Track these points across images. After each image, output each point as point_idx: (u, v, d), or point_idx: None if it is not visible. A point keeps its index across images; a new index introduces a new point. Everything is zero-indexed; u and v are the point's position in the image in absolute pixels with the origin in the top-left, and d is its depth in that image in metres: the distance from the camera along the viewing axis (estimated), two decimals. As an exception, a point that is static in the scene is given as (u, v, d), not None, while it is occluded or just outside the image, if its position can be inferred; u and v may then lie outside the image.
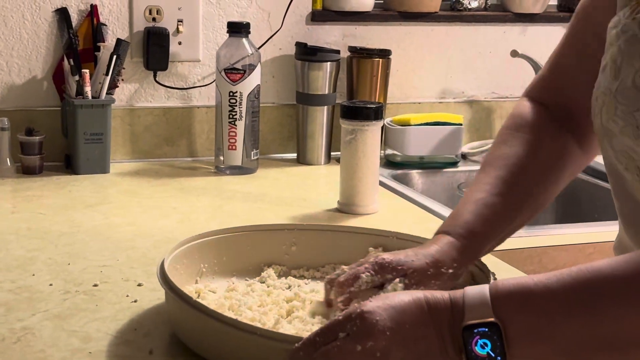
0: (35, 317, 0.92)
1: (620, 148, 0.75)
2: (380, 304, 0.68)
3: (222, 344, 0.77)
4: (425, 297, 0.68)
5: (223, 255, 0.98)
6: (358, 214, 1.36)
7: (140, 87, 1.69)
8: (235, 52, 1.58)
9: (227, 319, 0.77)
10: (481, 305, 0.66)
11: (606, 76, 0.76)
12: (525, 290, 0.67)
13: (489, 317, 0.65)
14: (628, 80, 0.73)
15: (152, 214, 1.35)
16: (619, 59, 0.75)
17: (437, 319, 0.67)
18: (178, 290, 0.81)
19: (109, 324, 0.90)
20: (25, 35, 1.61)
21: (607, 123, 0.75)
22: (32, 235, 1.21)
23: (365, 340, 0.66)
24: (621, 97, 0.73)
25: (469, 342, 0.65)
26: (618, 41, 0.76)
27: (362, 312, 0.67)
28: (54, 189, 1.47)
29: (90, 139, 1.55)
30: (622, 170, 0.76)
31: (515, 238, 1.27)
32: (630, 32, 0.74)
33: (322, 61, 1.70)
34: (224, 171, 1.62)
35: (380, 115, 1.36)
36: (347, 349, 0.66)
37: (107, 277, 1.04)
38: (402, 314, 0.67)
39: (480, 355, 0.65)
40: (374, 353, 0.66)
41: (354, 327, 0.67)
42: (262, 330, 0.75)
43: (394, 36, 1.83)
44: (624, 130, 0.73)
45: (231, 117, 1.59)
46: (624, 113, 0.73)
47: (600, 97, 0.77)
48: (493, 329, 0.65)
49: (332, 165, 1.71)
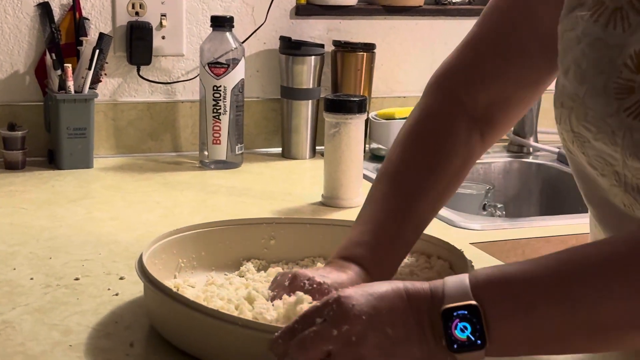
0: (15, 310, 0.91)
1: (594, 153, 0.74)
2: (358, 289, 0.68)
3: (203, 335, 0.77)
4: (404, 286, 0.68)
5: (202, 250, 0.97)
6: (342, 207, 1.36)
7: (124, 81, 1.69)
8: (219, 47, 1.58)
9: (207, 309, 0.76)
10: (460, 291, 0.66)
11: (570, 81, 0.74)
12: (504, 274, 0.67)
13: (468, 300, 0.65)
14: (597, 85, 0.71)
15: (136, 208, 1.34)
16: (583, 63, 0.73)
17: (415, 307, 0.67)
18: (156, 282, 0.81)
19: (89, 317, 0.90)
20: (7, 29, 1.60)
21: (577, 129, 0.74)
22: (14, 230, 1.20)
23: (341, 325, 0.66)
24: (591, 102, 0.72)
25: (448, 326, 0.65)
26: (579, 44, 0.73)
27: (339, 297, 0.67)
28: (36, 184, 1.46)
29: (73, 134, 1.54)
30: (597, 176, 0.75)
31: (498, 230, 1.29)
32: (594, 35, 0.72)
33: (306, 55, 1.69)
34: (209, 166, 1.61)
35: (364, 109, 1.36)
36: (323, 334, 0.66)
37: (88, 271, 1.04)
38: (379, 300, 0.67)
39: (459, 339, 0.65)
40: (349, 337, 0.65)
41: (330, 312, 0.67)
42: (242, 320, 0.74)
43: (378, 30, 1.83)
44: (598, 137, 0.72)
45: (215, 111, 1.59)
46: (595, 119, 0.72)
47: (566, 102, 0.75)
48: (472, 312, 0.65)
49: (316, 160, 1.70)
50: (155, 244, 0.92)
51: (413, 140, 0.88)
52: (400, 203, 0.86)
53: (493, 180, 1.75)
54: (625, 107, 0.69)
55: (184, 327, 0.79)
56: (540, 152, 1.81)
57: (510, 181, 1.78)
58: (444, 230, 1.26)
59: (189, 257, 0.97)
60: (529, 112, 1.79)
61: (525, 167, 1.79)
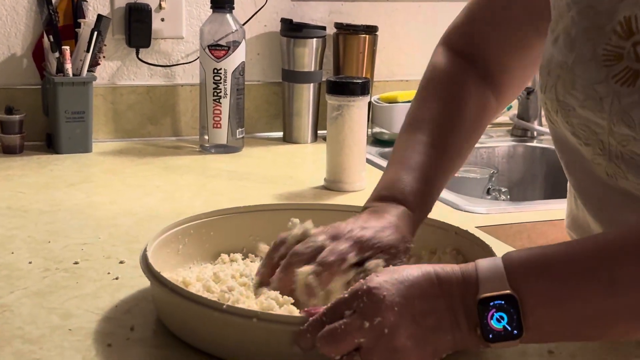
0: (13, 294, 0.89)
1: (580, 122, 0.73)
2: (387, 278, 0.65)
3: (222, 333, 0.73)
4: (435, 271, 0.66)
5: (205, 242, 0.93)
6: (345, 190, 1.34)
7: (123, 64, 1.66)
8: (219, 29, 1.55)
9: (227, 307, 0.72)
10: (496, 277, 0.64)
11: (559, 49, 0.74)
12: (540, 259, 0.65)
13: (505, 290, 0.63)
14: (586, 52, 0.70)
15: (135, 192, 1.32)
16: (572, 30, 0.72)
17: (448, 293, 0.65)
18: (162, 279, 0.78)
19: (89, 301, 0.88)
20: (4, 11, 1.58)
21: (563, 97, 0.73)
22: (12, 214, 1.18)
23: (372, 317, 0.64)
24: (580, 70, 0.71)
25: (484, 316, 0.63)
26: (569, 12, 0.73)
27: (369, 288, 0.65)
28: (35, 168, 1.44)
29: (71, 118, 1.52)
30: (580, 145, 0.74)
31: (504, 213, 1.27)
32: (583, 3, 0.72)
33: (308, 38, 1.67)
34: (209, 150, 1.59)
35: (367, 91, 1.34)
36: (353, 326, 0.64)
37: (88, 255, 1.02)
38: (410, 289, 0.65)
39: (496, 329, 0.63)
40: (382, 329, 0.64)
41: (360, 304, 0.65)
42: (262, 314, 0.71)
43: (380, 12, 1.81)
44: (585, 104, 0.71)
45: (216, 94, 1.57)
46: (583, 87, 0.71)
47: (554, 71, 0.74)
48: (509, 302, 0.63)
49: (318, 144, 1.68)
50: (162, 235, 0.88)
51: (427, 91, 0.90)
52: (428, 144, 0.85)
53: (497, 164, 1.73)
54: (613, 74, 0.69)
55: (198, 326, 0.75)
56: (544, 136, 1.79)
57: (514, 165, 1.76)
58: (449, 213, 1.24)
59: (197, 247, 0.93)
60: (532, 97, 1.77)
61: (529, 151, 1.77)
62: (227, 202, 1.24)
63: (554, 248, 0.66)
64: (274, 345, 0.70)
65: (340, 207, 1.01)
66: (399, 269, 0.67)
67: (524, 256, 0.66)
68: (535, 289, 0.64)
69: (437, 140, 0.85)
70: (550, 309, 0.63)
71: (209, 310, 0.73)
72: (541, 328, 0.64)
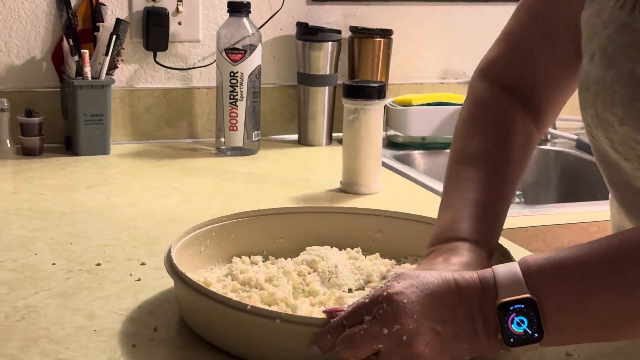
0: (38, 295, 0.91)
1: (619, 138, 0.73)
2: (407, 285, 0.66)
3: (247, 334, 0.75)
4: (454, 279, 0.67)
5: (226, 244, 0.94)
6: (361, 193, 1.35)
7: (140, 67, 1.68)
8: (236, 32, 1.57)
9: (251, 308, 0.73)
10: (514, 282, 0.65)
11: (596, 66, 0.74)
12: (557, 262, 0.66)
13: (524, 294, 0.64)
14: (625, 69, 0.71)
15: (154, 194, 1.34)
16: (609, 48, 0.73)
17: (466, 300, 0.66)
18: (187, 279, 0.79)
19: (112, 302, 0.89)
20: (24, 15, 1.60)
21: (603, 113, 0.74)
22: (34, 215, 1.20)
23: (392, 324, 0.65)
24: (618, 86, 0.71)
25: (504, 321, 0.64)
26: (606, 30, 0.74)
27: (389, 294, 0.66)
28: (54, 170, 1.46)
29: (90, 120, 1.54)
30: (620, 160, 0.75)
31: (519, 217, 1.28)
32: (620, 21, 0.72)
33: (323, 41, 1.68)
34: (225, 152, 1.61)
35: (383, 94, 1.35)
36: (373, 332, 0.65)
37: (110, 257, 1.03)
38: (430, 297, 0.66)
39: (517, 333, 0.64)
40: (400, 337, 0.65)
41: (380, 310, 0.66)
42: (285, 315, 0.72)
43: (395, 16, 1.82)
44: (625, 120, 0.71)
45: (232, 97, 1.58)
46: (622, 103, 0.71)
47: (592, 87, 0.75)
48: (529, 305, 0.64)
49: (333, 147, 1.70)
50: (184, 238, 0.90)
51: (473, 126, 0.87)
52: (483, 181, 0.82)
53: (511, 167, 1.73)
54: None
55: (222, 327, 0.77)
56: (559, 139, 1.80)
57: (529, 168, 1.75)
58: (464, 216, 1.25)
59: (216, 248, 0.94)
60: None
61: (544, 154, 1.78)
62: (244, 204, 1.25)
63: (570, 251, 0.67)
64: (297, 346, 0.71)
65: (358, 210, 1.03)
66: (419, 275, 0.68)
67: (541, 260, 0.66)
68: (554, 293, 0.65)
69: (491, 177, 0.82)
70: (569, 312, 0.64)
71: (232, 310, 0.74)
72: (561, 331, 0.65)
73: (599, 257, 0.65)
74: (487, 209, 0.80)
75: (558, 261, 0.66)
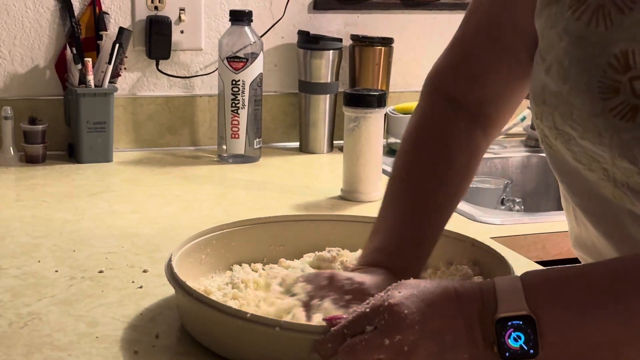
0: (41, 302, 0.92)
1: (580, 150, 0.73)
2: (408, 295, 0.67)
3: (247, 341, 0.76)
4: (454, 288, 0.67)
5: (227, 252, 0.96)
6: (362, 201, 1.36)
7: (143, 75, 1.69)
8: (238, 41, 1.58)
9: (249, 315, 0.74)
10: (514, 297, 0.65)
11: (553, 78, 0.73)
12: (559, 281, 0.66)
13: (523, 310, 0.64)
14: (581, 84, 0.70)
15: (156, 202, 1.35)
16: (565, 61, 0.72)
17: (466, 310, 0.66)
18: (187, 287, 0.80)
19: (115, 309, 0.90)
20: (28, 24, 1.61)
21: (562, 127, 0.73)
22: (37, 222, 1.21)
23: (393, 334, 0.65)
24: (576, 101, 0.71)
25: (502, 335, 0.65)
26: (561, 42, 0.72)
27: (390, 304, 0.66)
28: (57, 178, 1.47)
29: (93, 128, 1.55)
30: (584, 170, 0.75)
31: (519, 224, 1.29)
32: (576, 33, 0.71)
33: (324, 49, 1.70)
34: (227, 160, 1.62)
35: (383, 103, 1.36)
36: (374, 343, 0.66)
37: (112, 264, 1.04)
38: (430, 307, 0.66)
39: (512, 348, 0.64)
40: (401, 347, 0.65)
41: (381, 321, 0.66)
42: (285, 323, 0.73)
43: (396, 24, 1.83)
44: (585, 136, 0.71)
45: (234, 105, 1.59)
46: (581, 119, 0.71)
47: (550, 100, 0.74)
48: (527, 322, 0.64)
49: (334, 154, 1.71)
50: (185, 246, 0.91)
51: (414, 144, 0.88)
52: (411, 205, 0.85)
53: (511, 174, 1.74)
54: (610, 108, 0.69)
55: (218, 333, 0.78)
56: (558, 146, 1.80)
57: (528, 175, 1.78)
58: (464, 224, 1.26)
59: (217, 256, 0.95)
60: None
61: (543, 162, 1.79)
62: (246, 211, 1.26)
63: (573, 271, 0.68)
64: (296, 353, 0.72)
65: (356, 218, 1.03)
66: (419, 285, 0.68)
67: (543, 278, 0.67)
68: (553, 312, 0.65)
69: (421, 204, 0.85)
70: (567, 332, 0.65)
71: (232, 318, 0.75)
72: (556, 350, 0.65)
73: (601, 281, 0.65)
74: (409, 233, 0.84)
75: (560, 281, 0.66)
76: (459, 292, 0.67)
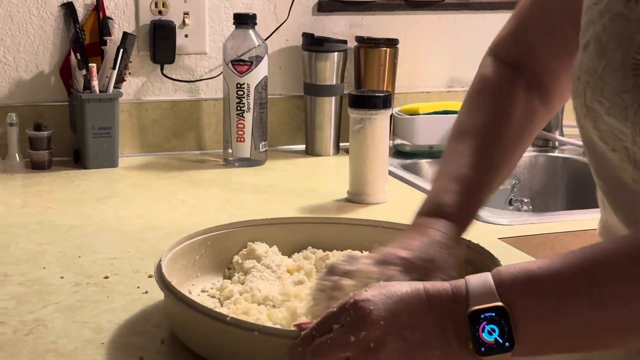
0: (46, 309, 0.91)
1: (606, 129, 0.73)
2: (375, 293, 0.66)
3: (226, 343, 0.76)
4: (424, 287, 0.67)
5: (221, 253, 0.96)
6: (368, 203, 1.36)
7: (148, 80, 1.69)
8: (242, 44, 1.58)
9: (229, 318, 0.74)
10: (486, 292, 0.64)
11: (590, 55, 0.74)
12: (530, 273, 0.65)
13: (495, 301, 0.64)
14: (616, 60, 0.71)
15: (162, 206, 1.34)
16: (603, 37, 0.72)
17: (437, 309, 0.65)
18: (172, 288, 0.80)
19: (120, 315, 0.90)
20: (32, 30, 1.61)
21: (591, 103, 0.73)
22: (42, 229, 1.21)
23: (358, 331, 0.65)
24: (608, 77, 0.71)
25: (475, 329, 0.64)
26: (602, 19, 0.73)
27: (355, 301, 0.66)
28: (63, 184, 1.47)
29: (98, 133, 1.55)
30: (608, 151, 0.75)
31: (527, 225, 1.28)
32: (615, 10, 0.72)
33: (329, 51, 1.69)
34: (233, 163, 1.61)
35: (389, 104, 1.36)
36: (340, 340, 0.65)
37: (117, 269, 1.04)
38: (397, 303, 0.65)
39: (487, 342, 0.64)
40: (367, 343, 0.64)
41: (347, 318, 0.66)
42: (263, 327, 0.73)
43: (401, 25, 1.82)
44: (611, 112, 0.71)
45: (239, 109, 1.59)
46: (611, 94, 0.71)
47: (583, 77, 0.75)
48: (500, 314, 0.64)
49: (341, 156, 1.70)
50: (177, 247, 0.91)
51: (472, 102, 0.90)
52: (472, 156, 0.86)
53: (519, 174, 1.73)
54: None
55: (200, 334, 0.78)
56: (566, 146, 1.79)
57: (536, 175, 1.77)
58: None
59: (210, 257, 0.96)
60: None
61: (551, 162, 1.78)
62: (252, 215, 1.24)
63: (544, 262, 0.67)
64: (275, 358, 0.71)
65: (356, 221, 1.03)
66: (389, 284, 0.68)
67: (514, 271, 0.66)
68: (525, 303, 0.64)
69: (481, 151, 0.86)
70: (541, 322, 0.64)
71: (213, 321, 0.75)
72: (532, 341, 0.64)
73: (573, 268, 0.65)
74: (468, 184, 0.84)
75: (531, 271, 0.66)
76: (429, 291, 0.66)
